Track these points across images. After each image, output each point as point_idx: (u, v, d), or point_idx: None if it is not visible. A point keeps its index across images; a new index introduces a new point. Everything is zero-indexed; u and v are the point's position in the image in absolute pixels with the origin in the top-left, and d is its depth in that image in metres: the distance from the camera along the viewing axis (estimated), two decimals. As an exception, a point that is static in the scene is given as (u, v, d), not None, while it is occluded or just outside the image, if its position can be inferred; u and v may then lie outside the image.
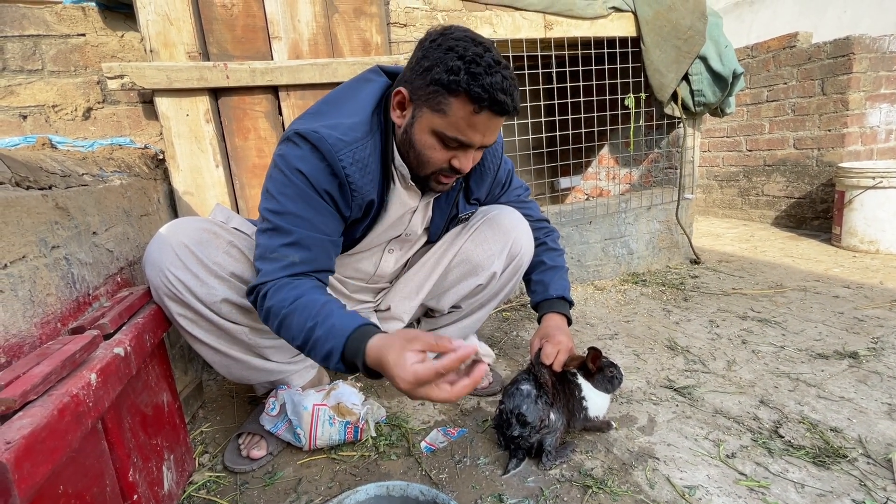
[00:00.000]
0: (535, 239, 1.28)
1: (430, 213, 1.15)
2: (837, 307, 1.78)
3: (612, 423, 1.14)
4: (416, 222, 1.13)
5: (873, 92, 2.83)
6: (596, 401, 1.09)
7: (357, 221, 1.03)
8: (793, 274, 2.22)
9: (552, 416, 1.00)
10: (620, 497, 0.92)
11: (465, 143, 0.89)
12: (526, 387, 1.00)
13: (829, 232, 2.84)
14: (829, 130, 2.91)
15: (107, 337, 0.75)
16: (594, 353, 1.07)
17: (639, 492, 0.94)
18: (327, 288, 0.95)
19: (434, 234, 1.21)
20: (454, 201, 1.14)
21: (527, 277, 1.29)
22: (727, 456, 1.02)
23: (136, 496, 0.75)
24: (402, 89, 0.90)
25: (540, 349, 1.08)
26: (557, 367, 1.05)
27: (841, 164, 2.58)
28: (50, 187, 0.79)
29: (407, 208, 1.07)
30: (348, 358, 0.75)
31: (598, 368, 1.08)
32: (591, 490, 0.94)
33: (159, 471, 0.87)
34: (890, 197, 2.36)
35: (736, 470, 0.98)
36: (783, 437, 1.06)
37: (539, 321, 1.21)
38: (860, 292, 1.92)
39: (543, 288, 1.23)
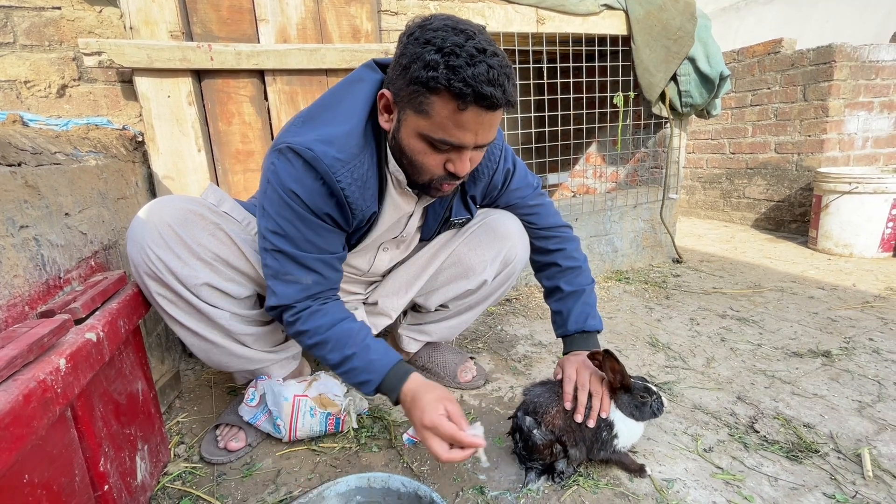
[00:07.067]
0: (545, 257, 1.19)
1: (424, 214, 1.13)
2: (812, 308, 1.83)
3: (647, 467, 0.97)
4: (412, 225, 1.12)
5: (852, 100, 2.90)
6: (623, 430, 0.94)
7: (357, 229, 1.01)
8: (771, 275, 2.28)
9: (560, 446, 0.93)
10: (601, 490, 0.93)
11: (455, 146, 0.81)
12: (530, 420, 0.94)
13: (807, 235, 2.92)
14: (809, 136, 2.98)
15: (78, 322, 0.72)
16: (609, 360, 0.92)
17: (619, 485, 0.95)
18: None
19: (426, 235, 1.19)
20: (449, 204, 1.10)
21: (546, 301, 1.20)
22: (705, 450, 1.04)
23: (106, 486, 0.72)
24: (386, 91, 0.84)
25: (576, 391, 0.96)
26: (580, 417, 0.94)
27: (819, 170, 2.64)
28: (19, 164, 0.75)
29: (402, 213, 1.05)
30: (383, 389, 0.90)
31: (625, 387, 0.94)
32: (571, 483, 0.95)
33: (132, 461, 0.85)
34: (864, 202, 2.42)
35: (713, 464, 1.00)
36: (759, 433, 1.09)
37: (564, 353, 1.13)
38: (834, 294, 1.97)
39: (562, 321, 1.14)
